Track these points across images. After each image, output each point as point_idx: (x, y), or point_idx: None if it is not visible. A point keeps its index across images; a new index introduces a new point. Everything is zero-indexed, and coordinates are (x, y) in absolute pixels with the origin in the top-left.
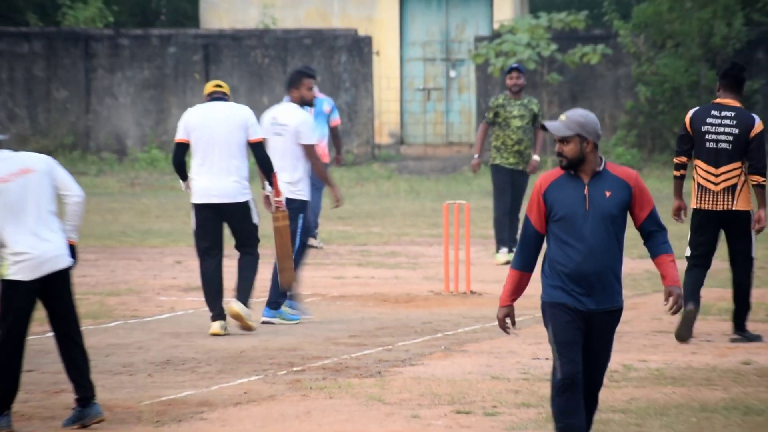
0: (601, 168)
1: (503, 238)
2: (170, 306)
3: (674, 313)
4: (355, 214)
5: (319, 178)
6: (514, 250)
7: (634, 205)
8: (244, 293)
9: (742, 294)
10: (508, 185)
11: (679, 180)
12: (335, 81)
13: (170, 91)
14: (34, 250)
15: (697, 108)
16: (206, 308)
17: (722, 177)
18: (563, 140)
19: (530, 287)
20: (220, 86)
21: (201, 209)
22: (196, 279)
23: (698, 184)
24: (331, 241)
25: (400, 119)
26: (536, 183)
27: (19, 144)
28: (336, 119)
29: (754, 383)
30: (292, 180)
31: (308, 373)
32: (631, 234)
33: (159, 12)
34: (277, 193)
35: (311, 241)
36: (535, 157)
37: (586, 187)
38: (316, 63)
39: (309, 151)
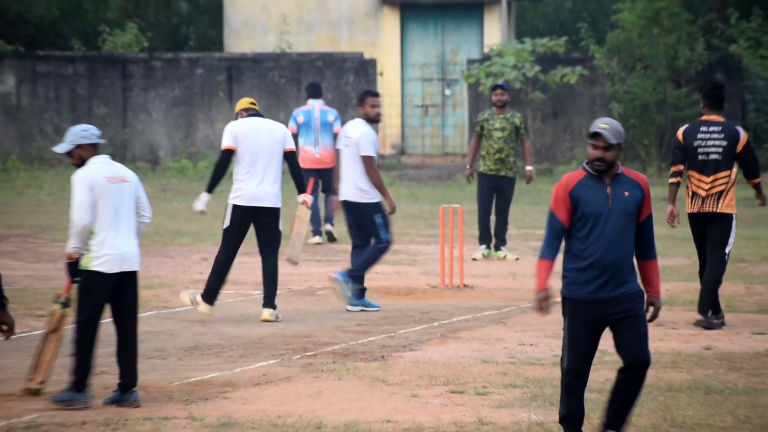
0: (619, 171)
1: (483, 237)
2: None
3: (651, 321)
4: None
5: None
6: (503, 248)
7: (642, 205)
8: (271, 298)
9: (712, 287)
10: (489, 190)
11: (675, 186)
12: (344, 99)
13: (198, 107)
14: (119, 248)
15: (687, 125)
16: (229, 300)
17: (712, 184)
18: (608, 147)
19: (520, 281)
20: (254, 104)
21: (242, 210)
22: None
23: (691, 191)
24: (341, 240)
25: (401, 132)
26: (560, 183)
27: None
28: (338, 127)
29: (715, 366)
30: (360, 186)
31: (320, 357)
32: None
33: (188, 38)
34: (308, 192)
35: (315, 239)
36: (528, 168)
37: (609, 187)
38: (326, 83)
39: (365, 161)
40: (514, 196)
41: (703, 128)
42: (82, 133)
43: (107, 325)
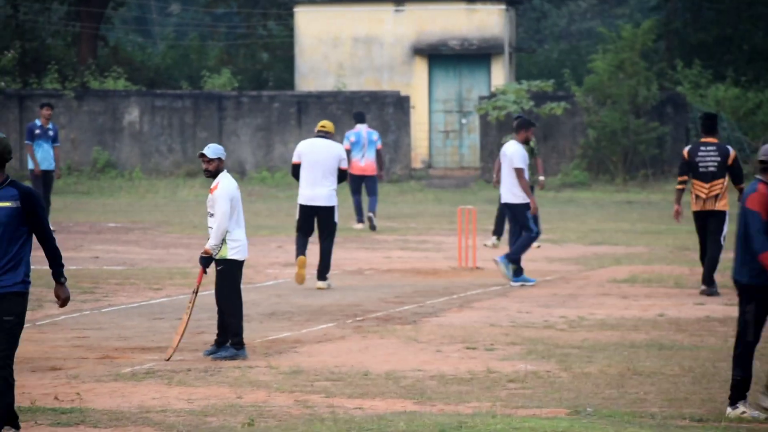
0: None
1: (497, 230)
2: (274, 276)
3: None
4: (398, 215)
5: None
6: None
7: None
8: (324, 271)
9: (712, 264)
10: None
11: (680, 192)
12: (385, 126)
13: (275, 132)
14: (245, 241)
15: (690, 145)
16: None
17: (710, 189)
18: None
19: (527, 263)
20: (323, 127)
21: (305, 208)
22: (293, 258)
23: (695, 195)
24: (381, 231)
25: (428, 151)
26: (761, 193)
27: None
28: (380, 145)
29: (666, 329)
30: (513, 191)
31: (367, 321)
32: (584, 228)
33: (268, 80)
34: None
35: (359, 225)
36: (541, 178)
37: None
38: (371, 114)
39: (516, 172)
40: None
41: (702, 148)
42: (223, 150)
43: (205, 296)
